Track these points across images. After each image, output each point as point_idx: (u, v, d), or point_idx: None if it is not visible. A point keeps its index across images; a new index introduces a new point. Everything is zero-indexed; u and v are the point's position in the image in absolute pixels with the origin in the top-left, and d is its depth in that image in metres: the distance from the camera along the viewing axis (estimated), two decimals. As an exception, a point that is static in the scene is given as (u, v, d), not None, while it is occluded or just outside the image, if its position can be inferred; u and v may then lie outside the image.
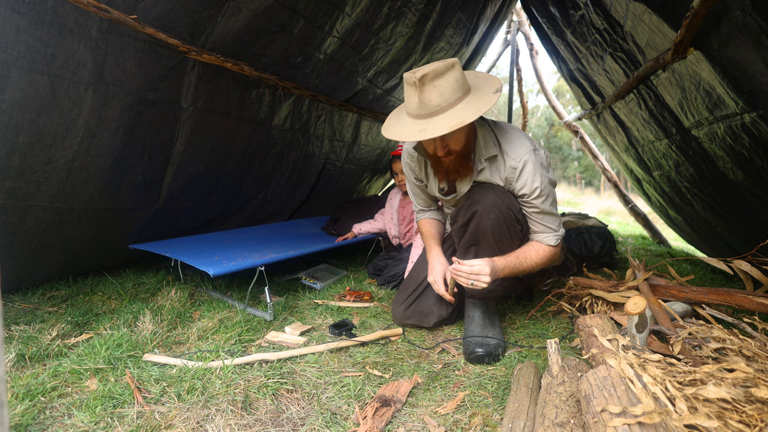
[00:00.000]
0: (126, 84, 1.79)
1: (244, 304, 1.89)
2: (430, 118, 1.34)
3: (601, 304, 1.75)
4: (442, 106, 1.32)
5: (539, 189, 1.48)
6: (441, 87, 1.31)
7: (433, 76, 1.30)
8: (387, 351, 1.55)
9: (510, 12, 4.85)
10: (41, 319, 1.68)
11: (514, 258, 1.52)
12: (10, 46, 1.40)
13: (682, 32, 1.51)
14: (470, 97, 1.37)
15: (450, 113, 1.32)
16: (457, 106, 1.33)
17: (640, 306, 1.21)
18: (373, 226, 2.81)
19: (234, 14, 1.99)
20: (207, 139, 2.36)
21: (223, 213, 2.85)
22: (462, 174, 1.55)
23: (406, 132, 1.36)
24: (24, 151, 1.57)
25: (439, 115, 1.33)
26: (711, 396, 0.81)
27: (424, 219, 1.89)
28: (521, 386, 1.16)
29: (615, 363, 0.93)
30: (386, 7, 2.74)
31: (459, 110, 1.32)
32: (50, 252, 1.91)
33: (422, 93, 1.32)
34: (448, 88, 1.32)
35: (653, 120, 2.34)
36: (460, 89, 1.35)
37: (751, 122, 1.50)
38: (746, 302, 1.46)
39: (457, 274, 1.43)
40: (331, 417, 1.13)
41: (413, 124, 1.36)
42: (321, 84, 2.99)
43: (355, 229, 2.80)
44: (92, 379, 1.27)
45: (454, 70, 1.33)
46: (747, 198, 1.87)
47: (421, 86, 1.31)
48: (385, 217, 2.79)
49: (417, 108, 1.34)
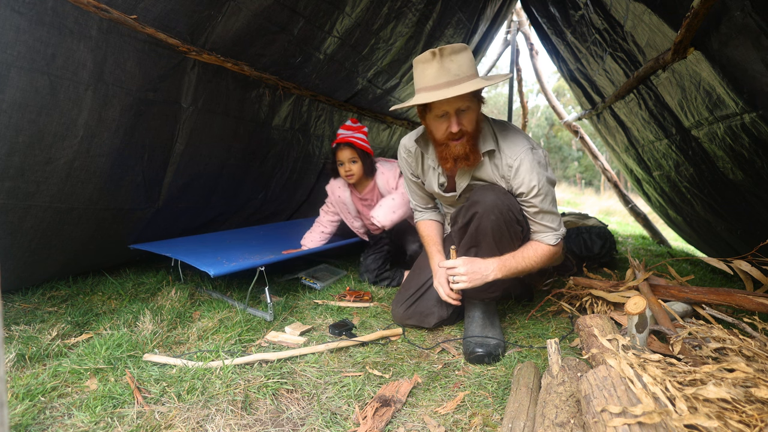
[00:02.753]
0: (126, 84, 1.79)
1: (245, 304, 1.89)
2: (449, 88, 1.39)
3: (601, 304, 1.76)
4: (460, 77, 1.39)
5: (537, 188, 1.49)
6: (459, 60, 1.39)
7: (451, 51, 1.38)
8: (387, 351, 1.55)
9: (510, 12, 4.85)
10: (41, 319, 1.68)
11: (511, 258, 1.53)
12: (10, 46, 1.40)
13: (682, 32, 1.51)
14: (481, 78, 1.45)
15: (469, 83, 1.38)
16: (475, 80, 1.41)
17: (640, 306, 1.21)
18: (323, 237, 2.50)
19: (234, 14, 1.99)
20: (207, 139, 2.36)
21: (223, 213, 2.85)
22: (472, 160, 1.52)
23: (432, 95, 1.38)
24: (24, 151, 1.57)
25: (459, 85, 1.38)
26: (711, 396, 0.81)
27: (422, 221, 1.89)
28: (521, 386, 1.16)
29: (615, 363, 0.93)
30: (386, 7, 2.74)
31: (478, 81, 1.40)
32: (50, 252, 1.91)
33: (442, 63, 1.38)
34: (466, 62, 1.41)
35: (653, 120, 2.34)
36: (472, 68, 1.43)
37: (751, 122, 1.50)
38: (746, 302, 1.46)
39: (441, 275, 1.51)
40: (331, 417, 1.13)
41: (434, 92, 1.41)
42: (321, 84, 2.99)
43: (303, 242, 2.50)
44: (92, 379, 1.27)
45: (467, 51, 1.42)
46: (747, 198, 1.87)
47: (441, 57, 1.38)
48: (342, 215, 2.53)
49: (435, 77, 1.40)
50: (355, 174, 2.34)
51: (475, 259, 1.51)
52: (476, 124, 1.49)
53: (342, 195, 2.46)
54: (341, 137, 2.34)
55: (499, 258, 1.52)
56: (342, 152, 2.32)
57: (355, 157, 2.32)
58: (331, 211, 2.52)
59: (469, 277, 1.48)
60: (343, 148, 2.32)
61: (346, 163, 2.32)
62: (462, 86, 1.36)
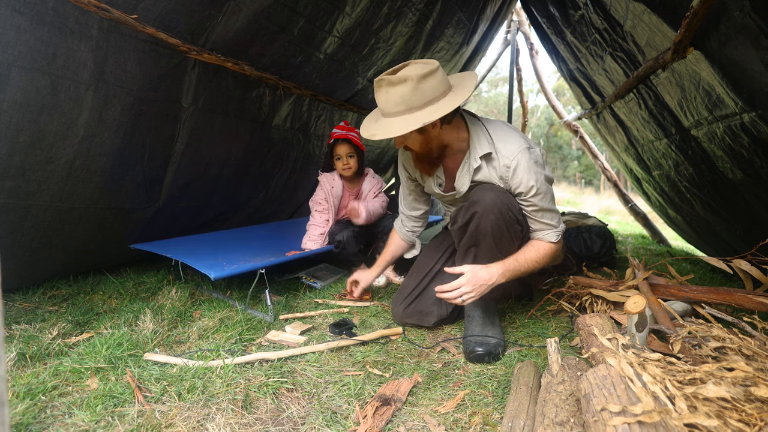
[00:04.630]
0: (126, 84, 1.80)
1: (245, 305, 1.89)
2: (378, 122, 1.48)
3: (600, 303, 1.76)
4: (391, 113, 1.43)
5: (535, 187, 1.49)
6: (397, 92, 1.40)
7: (394, 81, 1.39)
8: (387, 350, 1.55)
9: (510, 12, 4.85)
10: (42, 318, 1.68)
11: (514, 260, 1.52)
12: (10, 45, 1.40)
13: (682, 32, 1.51)
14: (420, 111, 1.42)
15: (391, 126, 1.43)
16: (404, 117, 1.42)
17: (640, 305, 1.21)
18: (322, 237, 2.48)
19: (234, 14, 1.99)
20: (207, 138, 2.36)
21: (224, 213, 2.85)
22: (426, 171, 1.66)
23: (365, 126, 1.52)
24: (25, 151, 1.57)
25: (383, 126, 1.44)
26: (711, 395, 0.81)
27: (393, 231, 1.98)
28: (521, 385, 1.16)
29: (615, 362, 0.93)
30: (386, 6, 2.74)
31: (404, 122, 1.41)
32: (51, 251, 1.91)
33: (381, 93, 1.43)
34: (406, 93, 1.40)
35: (653, 119, 2.34)
36: (408, 102, 1.40)
37: (750, 122, 1.50)
38: (746, 301, 1.47)
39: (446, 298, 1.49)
40: (331, 416, 1.14)
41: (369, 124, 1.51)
42: (321, 84, 2.99)
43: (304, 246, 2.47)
44: (93, 378, 1.27)
45: (406, 84, 1.38)
46: (746, 197, 1.87)
47: (385, 86, 1.41)
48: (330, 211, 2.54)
49: (380, 103, 1.46)
50: (352, 168, 2.50)
51: (477, 268, 1.49)
52: (423, 144, 1.52)
53: (335, 186, 2.56)
54: (338, 134, 2.49)
55: (503, 262, 1.51)
56: (340, 147, 2.48)
57: (352, 152, 2.50)
58: (324, 208, 2.55)
59: (476, 291, 1.46)
60: (342, 143, 2.47)
61: (344, 158, 2.48)
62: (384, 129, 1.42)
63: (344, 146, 2.47)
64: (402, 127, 1.39)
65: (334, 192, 2.55)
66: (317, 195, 2.55)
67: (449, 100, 1.42)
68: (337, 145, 2.48)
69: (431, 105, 1.40)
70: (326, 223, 2.53)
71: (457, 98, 1.42)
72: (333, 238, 2.42)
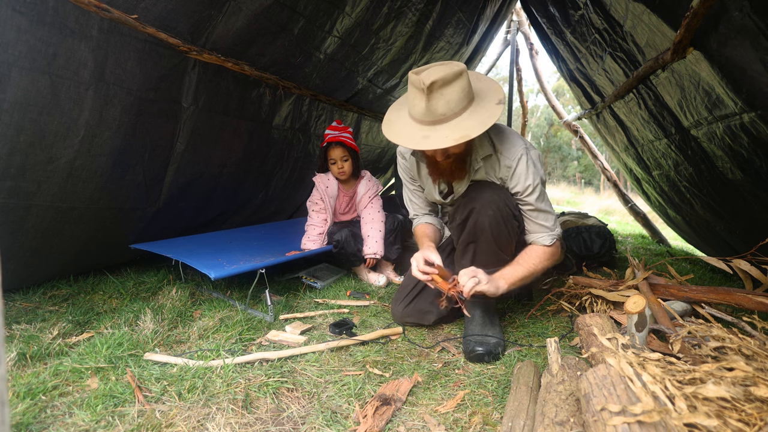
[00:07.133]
0: (127, 84, 1.80)
1: (245, 305, 1.89)
2: (434, 126, 1.33)
3: (600, 303, 1.76)
4: (447, 116, 1.32)
5: (532, 186, 1.51)
6: (448, 96, 1.30)
7: (441, 84, 1.28)
8: (387, 350, 1.55)
9: (510, 12, 4.85)
10: (42, 318, 1.68)
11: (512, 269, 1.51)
12: (11, 45, 1.40)
13: (682, 32, 1.51)
14: (474, 106, 1.36)
15: (454, 123, 1.32)
16: (461, 116, 1.33)
17: (640, 305, 1.21)
18: (321, 237, 2.48)
19: (234, 14, 1.99)
20: (207, 138, 2.36)
21: (224, 212, 2.85)
22: (457, 176, 1.57)
23: (408, 137, 1.36)
24: (25, 151, 1.57)
25: (443, 124, 1.32)
26: (710, 395, 0.81)
27: (419, 225, 1.89)
28: (521, 385, 1.16)
29: (614, 362, 0.93)
30: (386, 6, 2.74)
31: (463, 121, 1.32)
32: (51, 251, 1.91)
33: (429, 100, 1.30)
34: (455, 98, 1.31)
35: (653, 120, 2.35)
36: (465, 98, 1.34)
37: (750, 122, 1.51)
38: (745, 301, 1.47)
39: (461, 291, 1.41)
40: (331, 416, 1.14)
41: (416, 129, 1.36)
42: (321, 84, 2.99)
43: (304, 247, 2.47)
44: (93, 377, 1.27)
45: (461, 79, 1.31)
46: (746, 197, 1.87)
47: (429, 93, 1.28)
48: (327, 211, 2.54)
49: (422, 114, 1.33)
50: (347, 171, 2.50)
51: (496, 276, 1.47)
52: (466, 145, 1.46)
53: (330, 186, 2.56)
54: (331, 137, 2.47)
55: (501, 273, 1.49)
56: (334, 151, 2.46)
57: (346, 155, 2.49)
58: (321, 208, 2.54)
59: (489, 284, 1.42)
60: (336, 147, 2.46)
61: (339, 161, 2.47)
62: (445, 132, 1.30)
63: (338, 150, 2.45)
64: (481, 123, 1.29)
65: (329, 192, 2.55)
66: (313, 196, 2.56)
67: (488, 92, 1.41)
68: (331, 149, 2.46)
69: (480, 100, 1.38)
70: (324, 223, 2.53)
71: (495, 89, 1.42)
72: (332, 238, 2.42)
